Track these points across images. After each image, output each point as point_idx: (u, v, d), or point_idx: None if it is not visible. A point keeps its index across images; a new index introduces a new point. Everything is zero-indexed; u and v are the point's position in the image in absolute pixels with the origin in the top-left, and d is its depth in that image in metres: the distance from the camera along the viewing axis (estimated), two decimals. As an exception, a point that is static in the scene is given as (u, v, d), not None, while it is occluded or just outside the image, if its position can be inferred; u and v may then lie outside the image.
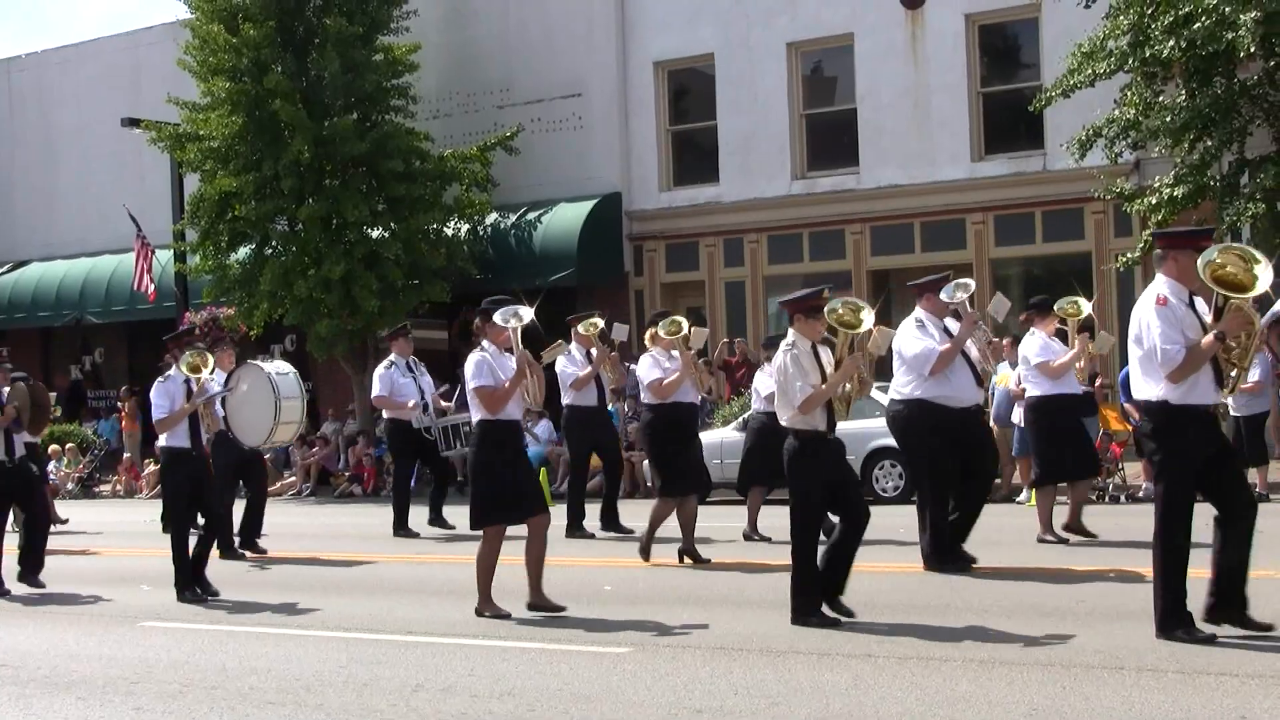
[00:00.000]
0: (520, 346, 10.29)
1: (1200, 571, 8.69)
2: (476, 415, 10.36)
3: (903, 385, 12.03)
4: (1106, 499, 18.27)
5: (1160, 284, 8.37)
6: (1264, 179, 19.06)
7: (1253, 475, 17.60)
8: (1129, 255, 20.71)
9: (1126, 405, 17.98)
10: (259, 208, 25.42)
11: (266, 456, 26.58)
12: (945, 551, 11.72)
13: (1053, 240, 23.59)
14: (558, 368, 15.60)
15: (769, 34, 25.57)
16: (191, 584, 12.31)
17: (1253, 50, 18.35)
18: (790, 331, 9.80)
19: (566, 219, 26.30)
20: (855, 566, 12.23)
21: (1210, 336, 8.15)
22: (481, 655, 9.13)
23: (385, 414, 18.20)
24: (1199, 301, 8.41)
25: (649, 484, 21.93)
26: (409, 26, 26.41)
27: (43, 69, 33.83)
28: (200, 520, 12.83)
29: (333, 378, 28.75)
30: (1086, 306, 13.74)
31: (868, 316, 9.70)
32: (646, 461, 17.95)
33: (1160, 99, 19.85)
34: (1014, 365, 15.97)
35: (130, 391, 28.95)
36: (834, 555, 9.72)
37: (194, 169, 26.32)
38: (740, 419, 20.12)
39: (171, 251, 28.17)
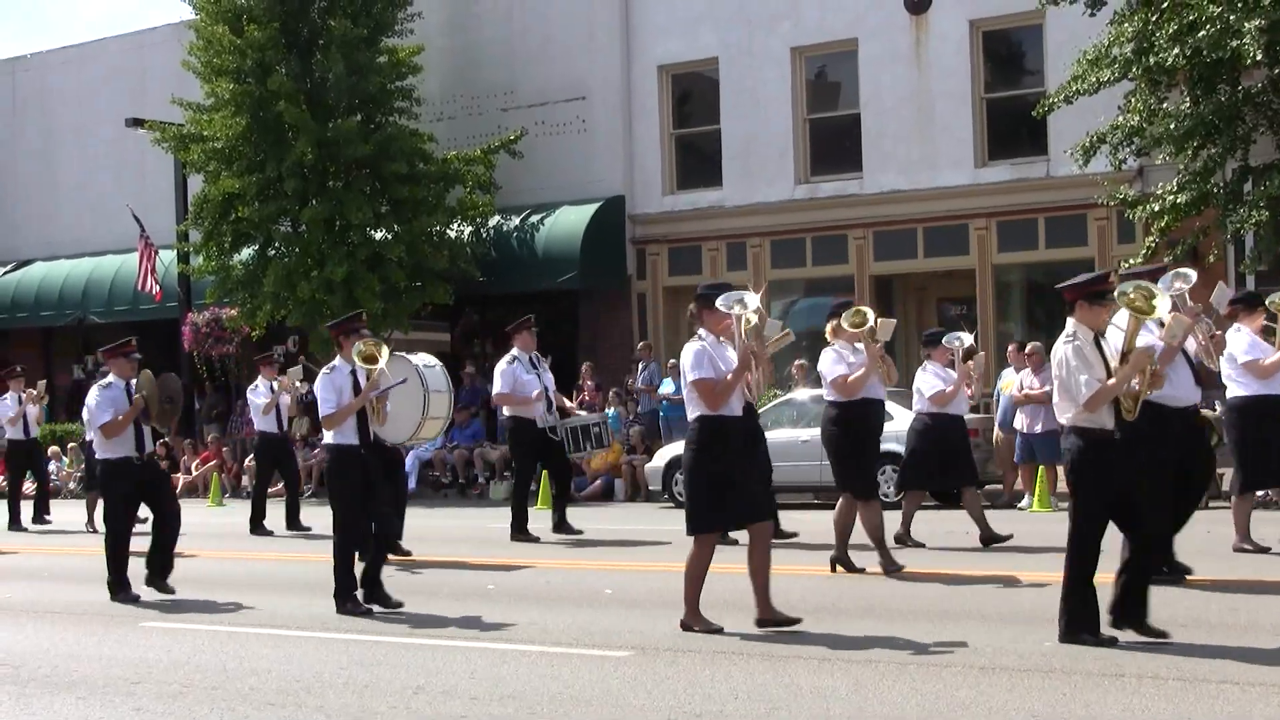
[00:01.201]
0: (743, 336, 9.41)
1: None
2: (694, 411, 9.52)
3: None
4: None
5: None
6: (1268, 186, 19.06)
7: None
8: (1132, 262, 20.69)
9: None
10: (262, 209, 25.43)
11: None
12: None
13: (1056, 246, 23.57)
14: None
15: (772, 39, 25.58)
16: (380, 596, 11.26)
17: (1257, 58, 18.36)
18: (1070, 321, 8.94)
19: (569, 222, 26.30)
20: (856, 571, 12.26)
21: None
22: (482, 658, 9.13)
23: (506, 411, 17.11)
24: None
25: (649, 486, 21.99)
26: (413, 29, 26.42)
27: (46, 69, 33.85)
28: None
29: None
30: None
31: (1163, 303, 9.07)
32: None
33: (1164, 106, 19.85)
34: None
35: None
36: (1129, 584, 8.74)
37: (198, 170, 26.33)
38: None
39: (175, 252, 28.18)
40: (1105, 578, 8.76)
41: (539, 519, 16.75)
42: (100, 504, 17.45)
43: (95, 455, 13.09)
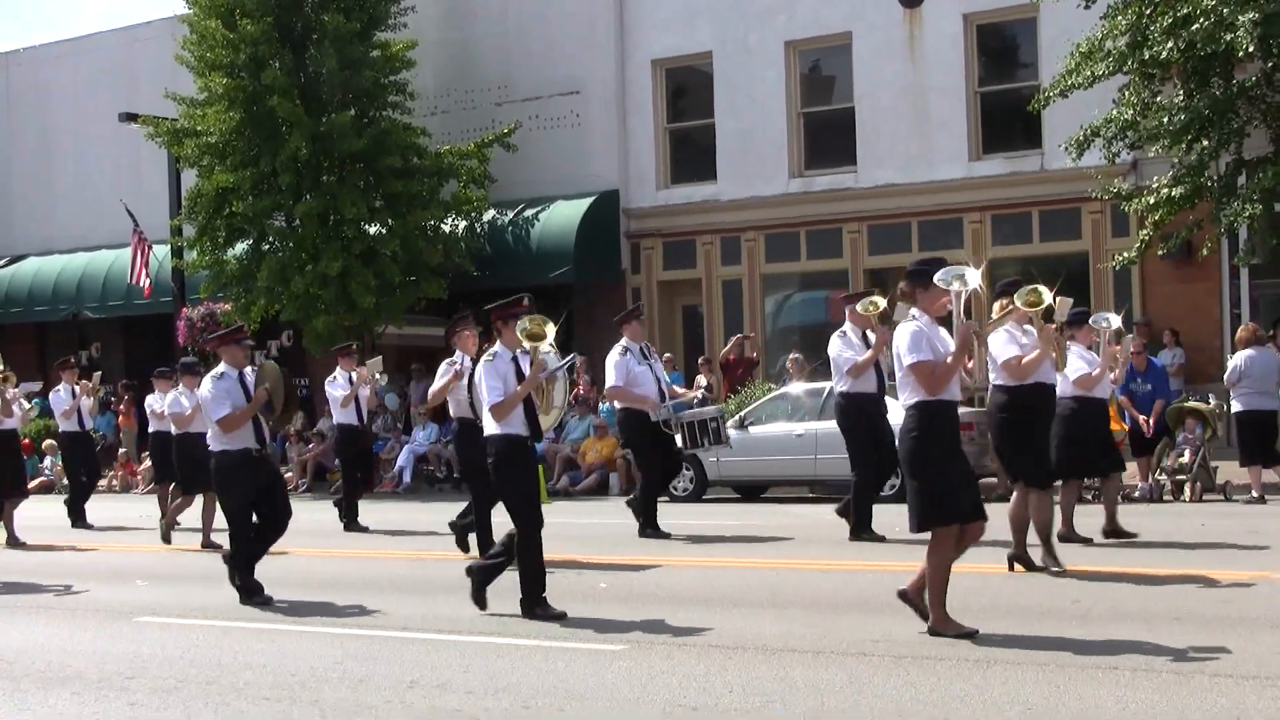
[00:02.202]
0: (962, 315, 8.78)
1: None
2: (914, 396, 8.81)
3: None
4: (1093, 499, 18.25)
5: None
6: (1261, 180, 19.07)
7: (1245, 475, 17.66)
8: (1126, 255, 20.73)
9: (1121, 398, 17.99)
10: (256, 203, 25.41)
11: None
12: None
13: (1050, 240, 23.60)
14: (831, 353, 14.32)
15: (767, 33, 25.58)
16: (542, 602, 10.30)
17: (1251, 51, 18.36)
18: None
19: (564, 216, 26.30)
20: (849, 565, 12.28)
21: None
22: (477, 652, 9.13)
23: (618, 405, 16.09)
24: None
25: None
26: (407, 23, 26.41)
27: (40, 63, 33.80)
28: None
29: (329, 374, 28.66)
30: None
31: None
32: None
33: (1158, 99, 19.86)
34: None
35: (127, 387, 28.92)
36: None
37: (191, 164, 26.32)
38: (736, 417, 20.13)
39: (169, 247, 28.16)
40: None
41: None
42: (172, 497, 17.63)
43: (209, 448, 11.93)
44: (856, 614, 9.74)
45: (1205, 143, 19.40)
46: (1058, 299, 11.19)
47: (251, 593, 11.62)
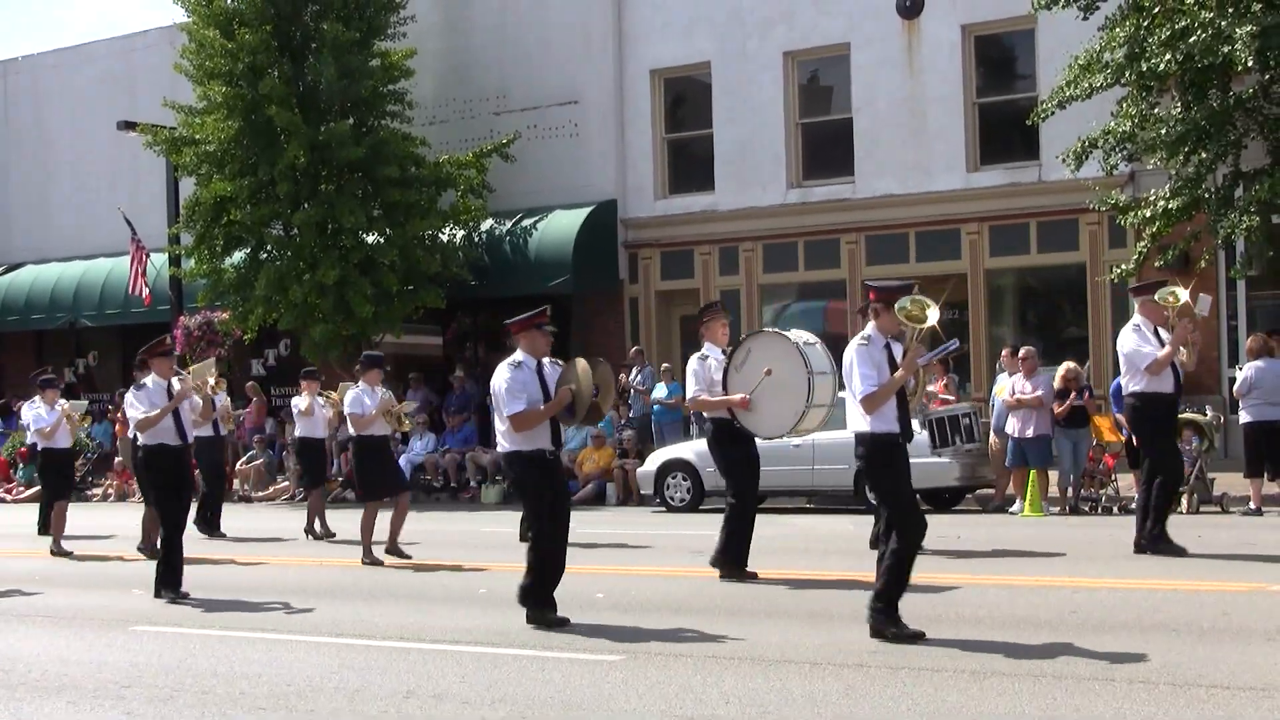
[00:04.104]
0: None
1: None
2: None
3: None
4: (1099, 510, 18.28)
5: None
6: (1258, 191, 19.10)
7: (1243, 487, 17.66)
8: (1123, 267, 20.75)
9: (1118, 415, 18.02)
10: (254, 212, 25.41)
11: (259, 461, 26.91)
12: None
13: (1047, 251, 23.61)
14: (1125, 348, 13.03)
15: (765, 43, 25.61)
16: (897, 620, 9.33)
17: (1248, 64, 18.39)
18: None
19: (562, 226, 26.31)
20: (848, 576, 12.27)
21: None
22: (474, 662, 9.12)
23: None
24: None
25: (640, 490, 21.99)
26: (406, 32, 26.43)
27: (38, 72, 33.83)
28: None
29: (326, 383, 28.65)
30: None
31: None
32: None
33: (1156, 111, 19.88)
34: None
35: (124, 395, 28.92)
36: None
37: (190, 173, 26.32)
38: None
39: (166, 255, 28.16)
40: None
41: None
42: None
43: (500, 447, 10.63)
44: (854, 625, 9.72)
45: (1202, 154, 19.42)
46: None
47: (552, 624, 10.24)
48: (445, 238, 26.28)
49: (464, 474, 25.05)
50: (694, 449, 20.51)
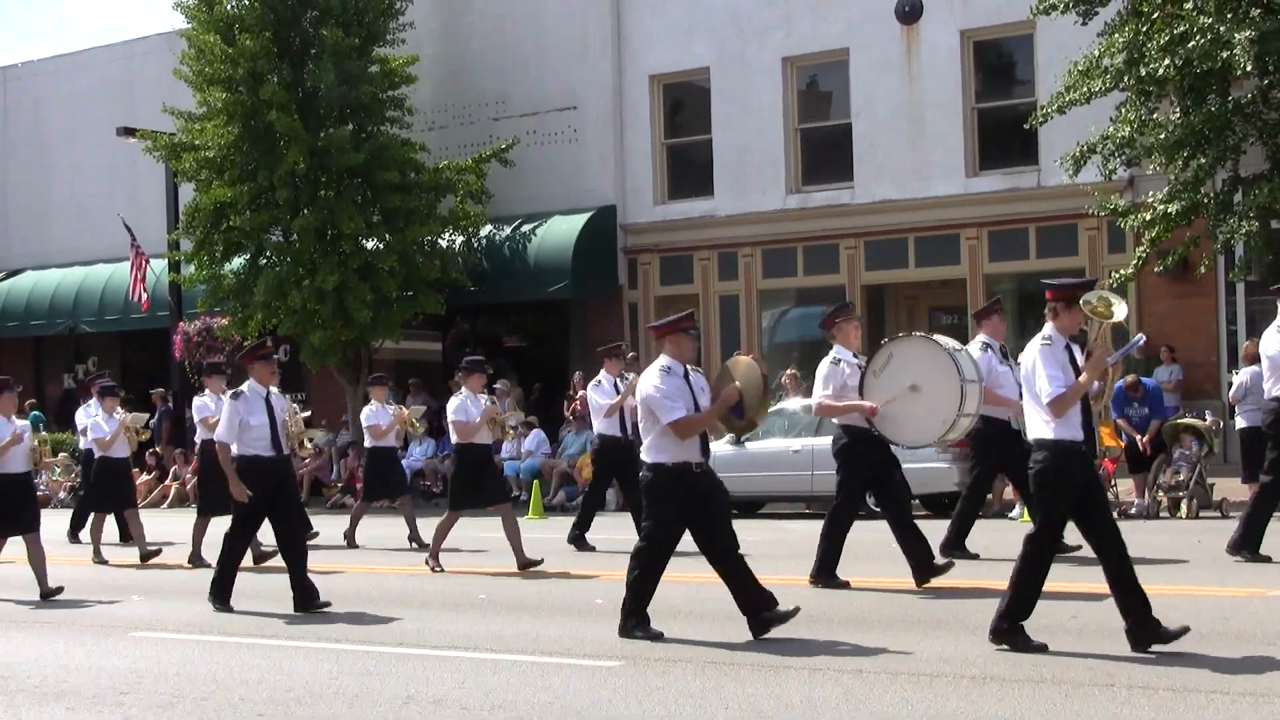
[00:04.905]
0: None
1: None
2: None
3: None
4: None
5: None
6: (1257, 196, 19.10)
7: (1243, 492, 17.65)
8: (1123, 272, 20.74)
9: (1118, 421, 18.04)
10: (254, 218, 25.42)
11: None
12: None
13: (1046, 256, 23.60)
14: (1269, 350, 12.76)
15: (764, 48, 25.62)
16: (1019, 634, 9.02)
17: (1247, 69, 18.40)
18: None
19: (561, 232, 26.31)
20: (849, 580, 12.26)
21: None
22: (472, 668, 9.11)
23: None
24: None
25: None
26: (405, 38, 26.45)
27: (37, 78, 33.83)
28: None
29: (325, 388, 28.74)
30: None
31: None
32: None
33: (1155, 116, 19.89)
34: None
35: (125, 401, 28.88)
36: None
37: (189, 179, 26.34)
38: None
39: (166, 261, 28.16)
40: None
41: (533, 532, 16.67)
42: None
43: (647, 459, 9.81)
44: (852, 630, 9.72)
45: (1201, 159, 19.44)
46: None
47: (635, 631, 9.73)
48: (444, 243, 26.28)
49: (464, 479, 24.98)
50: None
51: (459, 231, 26.38)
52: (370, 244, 25.46)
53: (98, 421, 17.53)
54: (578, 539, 16.29)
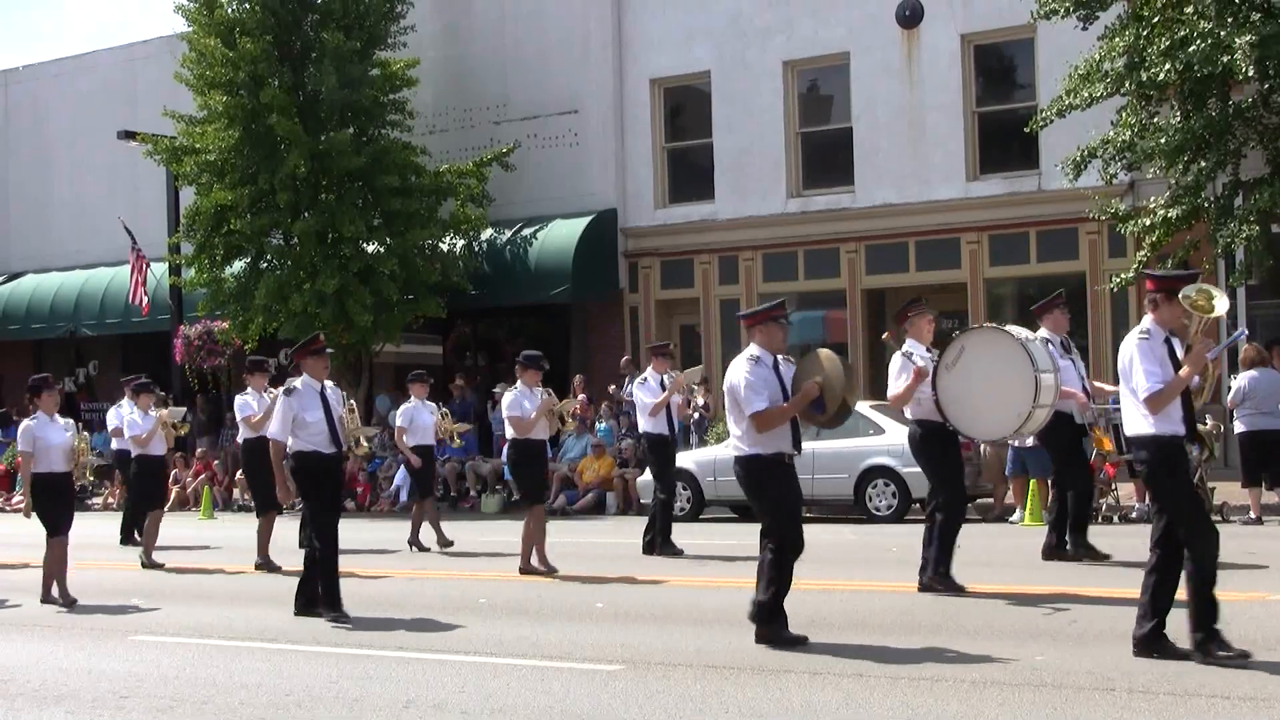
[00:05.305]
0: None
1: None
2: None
3: None
4: (1099, 519, 18.26)
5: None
6: (1258, 200, 19.10)
7: (1243, 496, 17.66)
8: (1123, 276, 20.74)
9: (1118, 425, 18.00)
10: (254, 221, 25.43)
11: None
12: None
13: (1047, 260, 23.61)
14: None
15: (765, 52, 25.63)
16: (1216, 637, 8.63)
17: (1248, 73, 18.40)
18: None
19: (562, 235, 26.32)
20: (849, 585, 12.26)
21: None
22: (473, 672, 9.11)
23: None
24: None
25: (640, 500, 21.96)
26: (406, 42, 26.47)
27: (38, 81, 33.86)
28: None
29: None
30: None
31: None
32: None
33: (1155, 120, 19.90)
34: None
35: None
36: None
37: (190, 182, 26.36)
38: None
39: (166, 264, 28.17)
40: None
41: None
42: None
43: (736, 450, 9.75)
44: (853, 634, 9.71)
45: (1202, 163, 19.44)
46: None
47: (790, 642, 9.50)
48: (445, 247, 26.30)
49: (464, 483, 25.02)
50: (694, 458, 20.51)
51: (460, 235, 26.40)
52: (371, 247, 25.47)
53: (133, 419, 17.33)
54: (663, 544, 15.66)
